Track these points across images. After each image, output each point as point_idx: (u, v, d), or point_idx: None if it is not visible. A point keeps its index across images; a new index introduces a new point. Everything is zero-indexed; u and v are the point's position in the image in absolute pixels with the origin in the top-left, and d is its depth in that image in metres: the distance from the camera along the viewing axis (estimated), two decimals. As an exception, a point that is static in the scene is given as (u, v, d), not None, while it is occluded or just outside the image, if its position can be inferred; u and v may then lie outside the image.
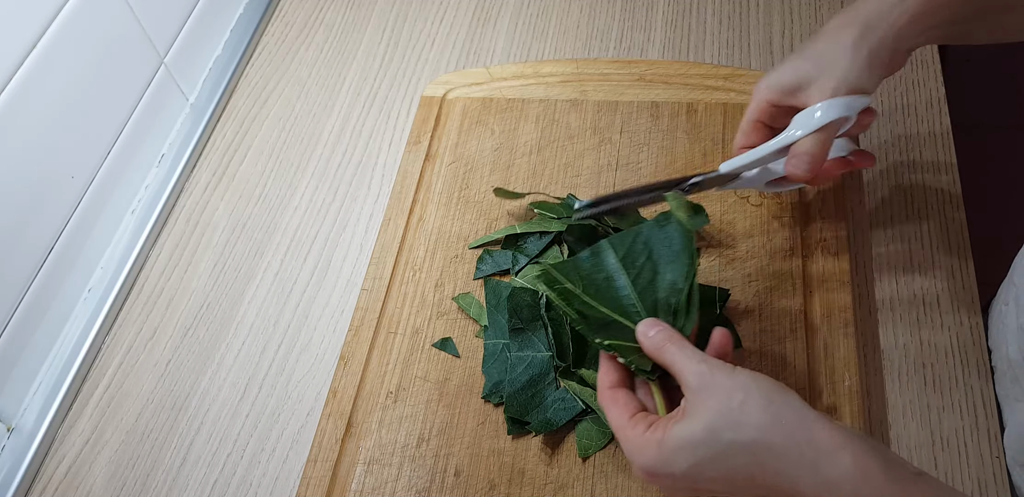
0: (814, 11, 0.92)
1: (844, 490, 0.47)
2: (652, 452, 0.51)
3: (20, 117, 0.68)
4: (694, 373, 0.51)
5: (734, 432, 0.49)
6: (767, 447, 0.49)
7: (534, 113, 0.83)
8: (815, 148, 0.61)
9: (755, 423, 0.49)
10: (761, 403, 0.50)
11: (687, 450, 0.50)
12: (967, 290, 0.72)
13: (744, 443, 0.49)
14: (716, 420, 0.50)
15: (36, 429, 0.70)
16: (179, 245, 0.81)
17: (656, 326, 0.55)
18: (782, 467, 0.49)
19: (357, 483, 0.64)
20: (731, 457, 0.49)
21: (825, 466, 0.48)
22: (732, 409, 0.50)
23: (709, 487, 0.52)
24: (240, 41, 0.94)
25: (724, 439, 0.49)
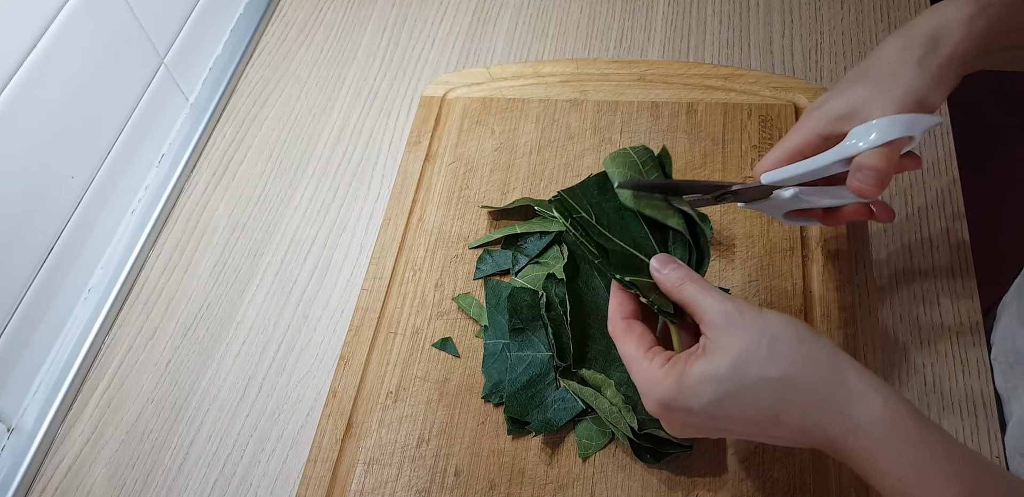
0: (814, 11, 0.92)
1: (873, 433, 0.47)
2: (671, 384, 0.50)
3: (20, 117, 0.68)
4: (719, 311, 0.50)
5: (762, 368, 0.48)
6: (796, 384, 0.48)
7: (534, 113, 0.83)
8: (881, 162, 0.56)
9: (786, 359, 0.49)
10: (792, 341, 0.49)
11: (710, 383, 0.49)
12: (967, 290, 0.72)
13: (773, 378, 0.48)
14: (744, 355, 0.49)
15: (36, 429, 0.70)
16: (179, 245, 0.81)
17: (670, 263, 0.54)
18: (811, 405, 0.48)
19: (357, 483, 0.64)
20: (757, 393, 0.49)
21: (855, 408, 0.47)
22: (761, 346, 0.49)
23: (725, 425, 0.50)
24: (240, 41, 0.94)
25: (751, 374, 0.49)
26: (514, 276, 0.72)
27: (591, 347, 0.66)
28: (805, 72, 0.87)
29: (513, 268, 0.72)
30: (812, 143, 0.60)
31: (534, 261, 0.72)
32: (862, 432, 0.47)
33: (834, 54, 0.88)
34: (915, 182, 0.78)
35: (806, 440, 0.50)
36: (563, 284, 0.68)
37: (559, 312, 0.67)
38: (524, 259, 0.72)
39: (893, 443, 0.47)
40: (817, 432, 0.49)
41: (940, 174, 0.79)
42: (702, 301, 0.51)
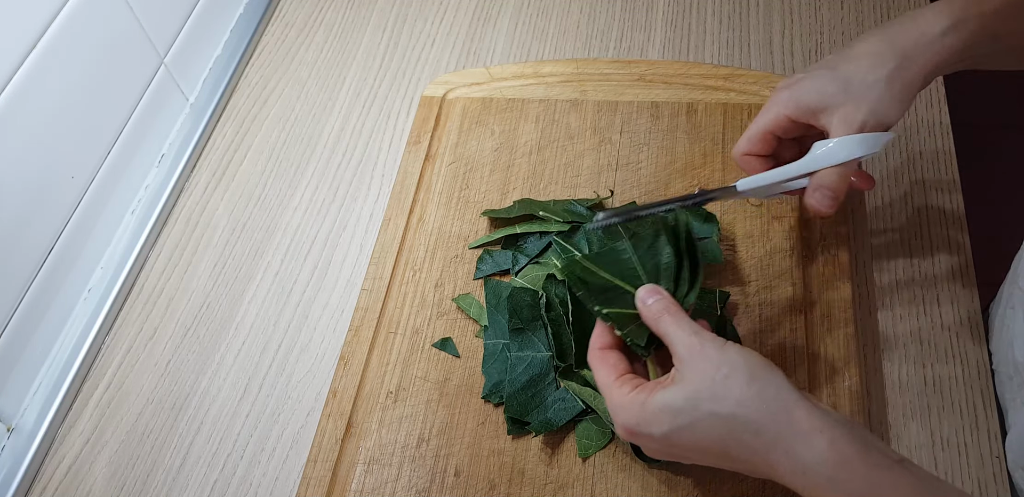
0: (814, 11, 0.92)
1: (819, 474, 0.47)
2: (634, 412, 0.52)
3: (20, 117, 0.68)
4: (685, 345, 0.52)
5: (714, 403, 0.50)
6: (744, 422, 0.49)
7: (534, 113, 0.83)
8: (837, 183, 0.60)
9: (735, 397, 0.50)
10: (745, 378, 0.50)
11: (667, 414, 0.51)
12: (967, 290, 0.72)
13: (722, 415, 0.50)
14: (699, 390, 0.51)
15: (36, 429, 0.70)
16: (179, 245, 0.81)
17: (655, 294, 0.56)
18: (758, 445, 0.49)
19: (357, 483, 0.64)
20: (707, 428, 0.50)
21: (800, 448, 0.48)
22: (716, 381, 0.50)
23: (683, 453, 0.53)
24: (240, 41, 0.94)
25: (703, 409, 0.50)
26: (514, 276, 0.72)
27: None
28: (805, 72, 0.87)
29: (513, 268, 0.72)
30: (781, 123, 0.63)
31: (534, 261, 0.72)
32: (808, 472, 0.48)
33: (834, 54, 0.88)
34: (915, 182, 0.78)
35: (760, 474, 0.51)
36: (563, 285, 0.68)
37: (559, 312, 0.67)
38: (524, 259, 0.72)
39: (838, 484, 0.47)
40: (766, 469, 0.50)
41: (940, 174, 0.79)
42: (673, 334, 0.53)
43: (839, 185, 0.60)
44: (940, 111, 0.83)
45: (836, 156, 0.60)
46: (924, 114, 0.82)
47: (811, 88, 0.61)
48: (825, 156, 0.60)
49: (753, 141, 0.64)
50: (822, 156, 0.61)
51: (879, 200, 0.77)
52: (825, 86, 0.60)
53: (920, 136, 0.81)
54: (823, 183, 0.60)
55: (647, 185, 0.77)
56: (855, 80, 0.60)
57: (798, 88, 0.62)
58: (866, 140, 0.60)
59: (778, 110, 0.62)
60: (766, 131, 0.63)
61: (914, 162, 0.79)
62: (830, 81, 0.60)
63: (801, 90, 0.62)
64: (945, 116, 0.82)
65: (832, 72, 0.61)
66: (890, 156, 0.80)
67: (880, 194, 0.78)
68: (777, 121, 0.63)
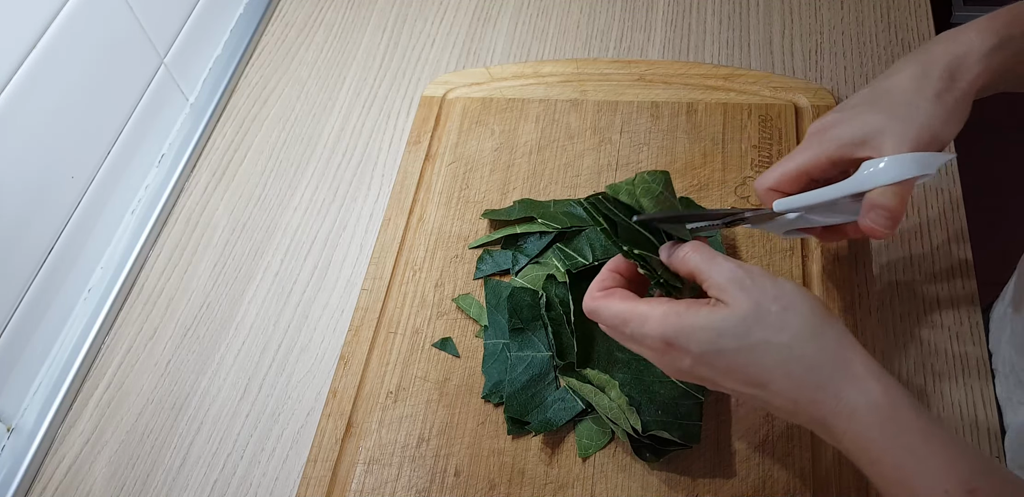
0: (814, 11, 0.92)
1: (868, 419, 0.46)
2: (672, 321, 0.49)
3: (20, 117, 0.68)
4: (728, 276, 0.50)
5: (769, 332, 0.48)
6: (798, 356, 0.48)
7: (534, 113, 0.83)
8: (895, 203, 0.55)
9: (794, 329, 0.48)
10: (805, 314, 0.48)
11: (711, 333, 0.48)
12: (967, 290, 0.72)
13: (775, 344, 0.48)
14: (751, 316, 0.48)
15: (36, 429, 0.70)
16: (179, 245, 0.81)
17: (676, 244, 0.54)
18: (807, 380, 0.47)
19: (357, 483, 0.64)
20: (756, 355, 0.48)
21: (852, 392, 0.47)
22: (771, 311, 0.48)
23: (718, 379, 0.50)
24: (240, 41, 0.94)
25: (755, 336, 0.48)
26: (514, 276, 0.72)
27: (594, 348, 0.66)
28: (805, 72, 0.87)
29: (513, 268, 0.72)
30: (820, 166, 0.58)
31: (534, 261, 0.72)
32: (856, 416, 0.47)
33: (834, 54, 0.88)
34: (915, 182, 0.78)
35: (795, 412, 0.49)
36: (564, 285, 0.68)
37: (559, 312, 0.67)
38: (524, 259, 0.72)
39: (889, 429, 0.46)
40: (808, 407, 0.48)
41: (940, 175, 0.79)
42: (709, 267, 0.51)
43: (896, 205, 0.55)
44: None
45: (888, 174, 0.55)
46: (924, 114, 0.82)
47: (852, 123, 0.57)
48: (876, 174, 0.55)
49: (784, 179, 0.59)
50: (873, 175, 0.55)
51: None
52: (867, 118, 0.57)
53: (920, 136, 0.81)
54: (879, 203, 0.55)
55: (647, 185, 0.77)
56: (900, 104, 0.56)
57: (838, 127, 0.58)
58: (921, 159, 0.55)
59: (816, 151, 0.58)
60: (802, 172, 0.59)
61: (914, 162, 0.79)
62: (872, 112, 0.57)
63: (841, 127, 0.58)
64: (945, 116, 0.82)
65: (872, 104, 0.57)
66: (890, 156, 0.80)
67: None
68: (816, 163, 0.58)
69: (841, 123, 0.58)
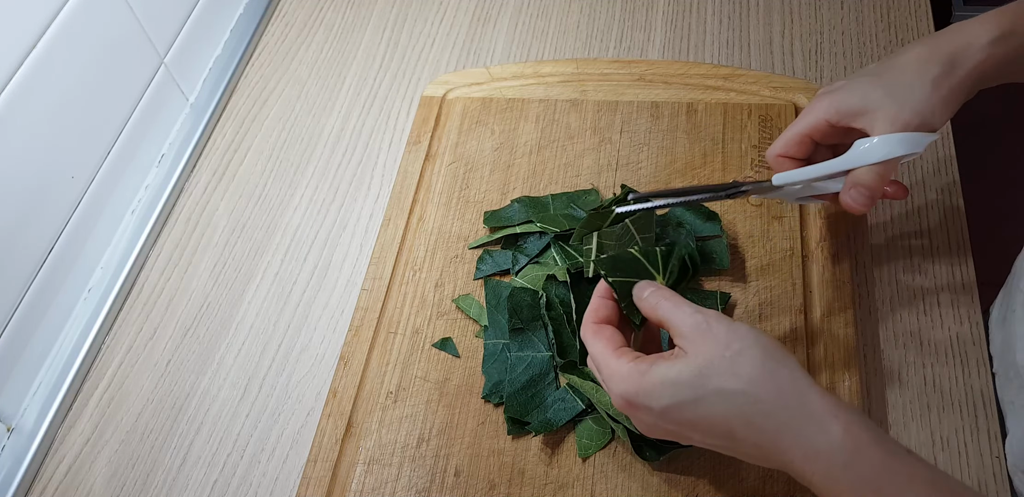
0: (814, 11, 0.92)
1: (833, 459, 0.46)
2: (634, 381, 0.51)
3: (20, 117, 0.68)
4: (689, 324, 0.51)
5: (723, 380, 0.48)
6: (755, 401, 0.48)
7: (534, 113, 0.83)
8: (875, 181, 0.59)
9: (747, 375, 0.48)
10: (758, 357, 0.49)
11: (669, 387, 0.49)
12: (967, 290, 0.72)
13: (731, 392, 0.48)
14: (707, 365, 0.49)
15: (36, 429, 0.70)
16: (179, 245, 0.81)
17: (651, 287, 0.56)
18: (768, 425, 0.48)
19: (357, 483, 0.64)
20: (713, 404, 0.49)
21: (814, 432, 0.47)
22: (726, 358, 0.49)
23: (685, 432, 0.51)
24: (240, 41, 0.94)
25: (711, 385, 0.49)
26: (514, 276, 0.72)
27: None
28: (805, 72, 0.87)
29: (513, 268, 0.72)
30: (820, 128, 0.62)
31: (534, 261, 0.72)
32: (820, 458, 0.47)
33: (834, 54, 0.88)
34: (915, 182, 0.78)
35: (766, 459, 0.50)
36: (564, 285, 0.68)
37: (559, 311, 0.67)
38: (524, 259, 0.72)
39: (853, 470, 0.46)
40: (775, 454, 0.48)
41: (940, 174, 0.79)
42: (674, 316, 0.53)
43: (876, 183, 0.59)
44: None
45: (877, 153, 0.59)
46: (924, 114, 0.82)
47: (853, 92, 0.60)
48: (865, 153, 0.59)
49: (790, 144, 0.63)
50: (862, 153, 0.60)
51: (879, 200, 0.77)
52: (868, 90, 0.60)
53: (920, 136, 0.81)
54: (859, 181, 0.59)
55: (647, 185, 0.77)
56: (899, 84, 0.59)
57: (839, 93, 0.61)
58: (908, 139, 0.59)
59: (818, 114, 0.61)
60: (804, 134, 0.62)
61: (914, 163, 0.79)
62: (873, 86, 0.60)
63: (843, 94, 0.61)
64: (945, 116, 0.82)
65: (875, 78, 0.60)
66: (890, 156, 0.80)
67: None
68: (816, 125, 0.62)
69: (845, 90, 0.61)
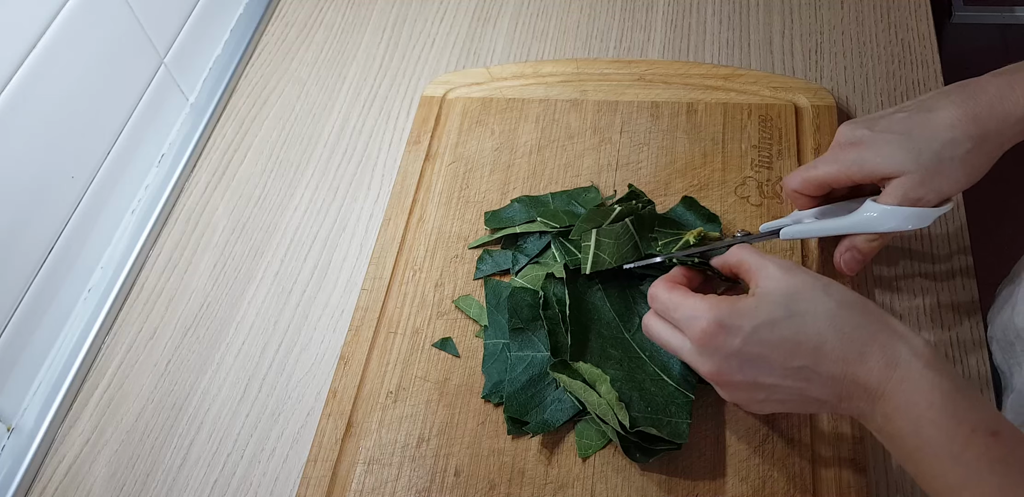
0: (814, 11, 0.92)
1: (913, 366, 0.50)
2: (726, 305, 0.54)
3: (20, 117, 0.68)
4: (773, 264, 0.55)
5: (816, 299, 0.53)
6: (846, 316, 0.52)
7: (534, 113, 0.83)
8: (872, 250, 0.63)
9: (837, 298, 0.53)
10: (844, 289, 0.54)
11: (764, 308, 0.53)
12: (967, 290, 0.72)
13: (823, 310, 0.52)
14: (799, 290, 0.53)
15: (36, 429, 0.70)
16: (179, 245, 0.81)
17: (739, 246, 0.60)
18: (858, 336, 0.52)
19: (357, 483, 0.64)
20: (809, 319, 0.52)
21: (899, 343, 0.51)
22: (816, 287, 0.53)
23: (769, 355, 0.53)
24: (240, 41, 0.94)
25: (803, 304, 0.53)
26: (514, 276, 0.72)
27: (589, 343, 0.66)
28: (805, 72, 0.87)
29: (513, 268, 0.72)
30: (841, 182, 0.63)
31: (534, 261, 0.72)
32: (901, 364, 0.50)
33: (834, 54, 0.88)
34: (915, 182, 0.78)
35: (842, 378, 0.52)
36: (561, 282, 0.68)
37: (556, 310, 0.67)
38: (524, 259, 0.72)
39: (930, 375, 0.50)
40: (855, 365, 0.51)
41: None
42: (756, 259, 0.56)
43: (872, 252, 0.63)
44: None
45: (885, 225, 0.61)
46: (924, 114, 0.82)
47: (880, 152, 0.61)
48: (873, 221, 0.62)
49: (809, 186, 0.65)
50: (870, 221, 0.62)
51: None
52: (896, 154, 0.60)
53: (920, 136, 0.81)
54: (858, 247, 0.63)
55: (647, 185, 0.77)
56: (929, 153, 0.59)
57: (867, 150, 0.61)
58: (919, 214, 0.61)
59: (842, 169, 0.62)
60: (824, 182, 0.64)
61: (914, 162, 0.79)
62: (902, 150, 0.60)
63: (870, 154, 0.61)
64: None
65: (905, 139, 0.60)
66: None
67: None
68: (838, 179, 0.63)
69: (871, 147, 0.61)
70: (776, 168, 0.77)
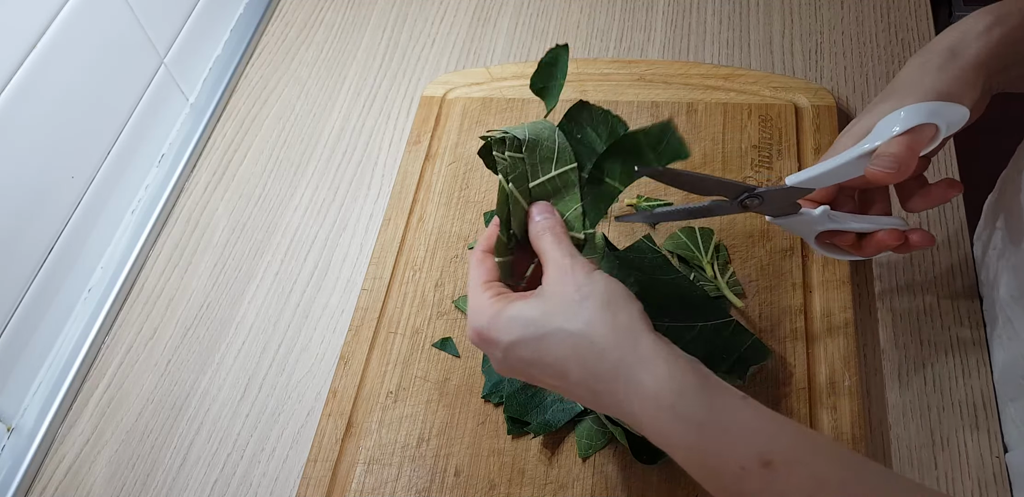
0: (814, 11, 0.92)
1: (661, 401, 0.47)
2: (488, 315, 0.52)
3: (20, 117, 0.68)
4: (556, 264, 0.53)
5: (564, 320, 0.50)
6: (590, 343, 0.49)
7: (534, 113, 0.83)
8: (900, 149, 0.55)
9: (586, 318, 0.50)
10: (600, 303, 0.50)
11: (518, 323, 0.51)
12: (967, 290, 0.72)
13: (569, 332, 0.50)
14: (554, 306, 0.51)
15: (36, 429, 0.70)
16: (179, 245, 0.81)
17: (546, 212, 0.56)
18: (599, 368, 0.49)
19: (357, 483, 0.64)
20: (553, 343, 0.50)
21: (642, 374, 0.48)
22: (573, 301, 0.50)
23: (524, 368, 0.52)
24: (240, 41, 0.94)
25: (553, 324, 0.50)
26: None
27: None
28: (805, 72, 0.87)
29: (513, 268, 0.72)
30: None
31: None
32: (648, 399, 0.47)
33: (834, 54, 0.88)
34: (915, 182, 0.78)
35: (597, 402, 0.51)
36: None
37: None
38: (524, 259, 0.72)
39: (679, 411, 0.46)
40: (606, 396, 0.49)
41: (940, 174, 0.79)
42: (549, 252, 0.54)
43: (902, 151, 0.55)
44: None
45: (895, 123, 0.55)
46: (924, 114, 0.82)
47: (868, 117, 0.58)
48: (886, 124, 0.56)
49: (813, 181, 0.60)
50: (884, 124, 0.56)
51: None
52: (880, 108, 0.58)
53: (920, 136, 0.81)
54: (885, 150, 0.55)
55: (647, 185, 0.77)
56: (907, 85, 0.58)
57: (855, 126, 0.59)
58: (928, 107, 0.55)
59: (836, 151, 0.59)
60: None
61: (914, 162, 0.79)
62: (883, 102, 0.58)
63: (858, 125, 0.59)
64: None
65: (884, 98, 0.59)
66: (890, 156, 0.80)
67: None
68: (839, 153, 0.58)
69: (859, 120, 0.59)
70: (776, 168, 0.77)
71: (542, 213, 0.56)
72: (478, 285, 0.55)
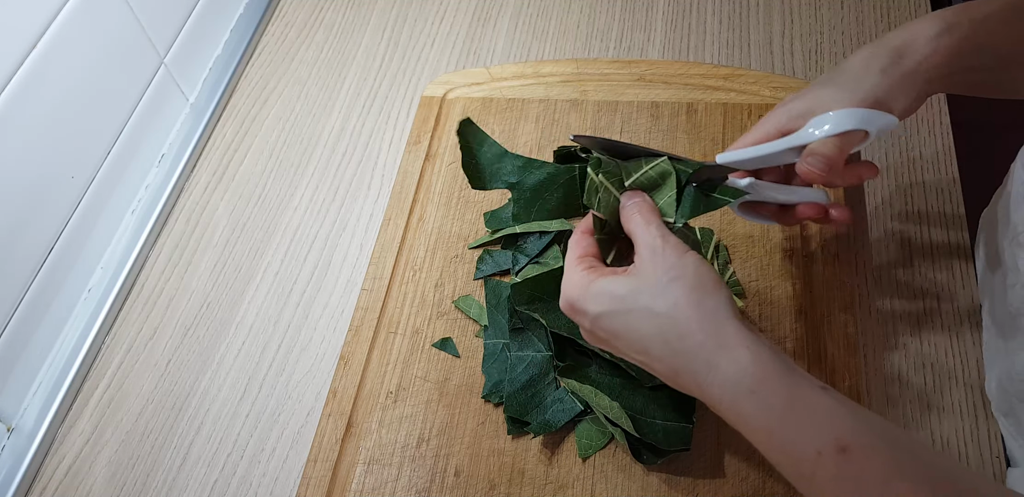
0: (814, 11, 0.92)
1: (740, 387, 0.48)
2: (580, 287, 0.54)
3: (20, 117, 0.68)
4: (647, 244, 0.54)
5: (652, 300, 0.51)
6: (673, 324, 0.50)
7: (534, 113, 0.83)
8: (832, 151, 0.57)
9: (673, 299, 0.51)
10: (689, 285, 0.51)
11: (607, 297, 0.53)
12: (967, 290, 0.72)
13: (655, 312, 0.51)
14: (644, 285, 0.52)
15: (36, 429, 0.70)
16: (179, 245, 0.81)
17: (636, 196, 0.58)
18: (681, 348, 0.50)
19: (357, 483, 0.64)
20: (638, 320, 0.52)
21: (723, 360, 0.49)
22: (661, 282, 0.52)
23: (608, 339, 0.54)
24: (240, 41, 0.94)
25: (641, 302, 0.51)
26: (514, 276, 0.72)
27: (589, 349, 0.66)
28: (805, 72, 0.87)
29: (513, 268, 0.72)
30: (771, 138, 0.61)
31: (534, 261, 0.72)
32: (728, 384, 0.48)
33: (834, 54, 0.88)
34: (915, 182, 0.78)
35: (677, 381, 0.52)
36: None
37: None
38: (524, 259, 0.72)
39: (760, 397, 0.47)
40: (686, 376, 0.50)
41: (940, 174, 0.79)
42: (640, 233, 0.55)
43: (832, 153, 0.57)
44: (940, 111, 0.83)
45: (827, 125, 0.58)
46: (924, 114, 0.82)
47: (803, 97, 0.60)
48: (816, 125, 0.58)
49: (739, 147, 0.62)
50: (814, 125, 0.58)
51: (879, 200, 0.77)
52: (817, 91, 0.60)
53: (920, 136, 0.81)
54: (816, 150, 0.58)
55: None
56: (849, 79, 0.59)
57: (790, 102, 0.61)
58: (861, 114, 0.57)
59: (768, 126, 0.61)
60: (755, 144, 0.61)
61: (914, 162, 0.79)
62: (822, 86, 0.60)
63: (793, 102, 0.60)
64: (945, 116, 0.82)
65: (825, 82, 0.60)
66: (890, 156, 0.80)
67: (880, 194, 0.78)
68: (767, 135, 0.61)
69: (796, 99, 0.61)
70: (776, 168, 0.77)
71: (633, 197, 0.58)
72: (573, 259, 0.56)
